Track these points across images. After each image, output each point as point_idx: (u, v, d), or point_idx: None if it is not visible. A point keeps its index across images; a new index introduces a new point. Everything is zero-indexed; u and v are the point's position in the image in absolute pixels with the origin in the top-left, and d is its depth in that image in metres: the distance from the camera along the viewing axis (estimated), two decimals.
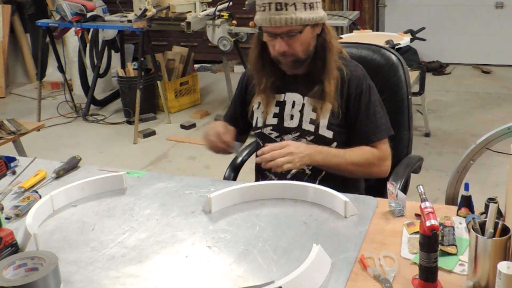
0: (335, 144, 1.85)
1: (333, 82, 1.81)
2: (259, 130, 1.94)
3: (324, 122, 1.84)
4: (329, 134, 1.84)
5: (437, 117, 4.73)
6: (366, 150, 1.83)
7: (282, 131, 1.90)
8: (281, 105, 1.90)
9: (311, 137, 1.85)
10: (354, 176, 1.87)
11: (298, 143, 1.78)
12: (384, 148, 1.86)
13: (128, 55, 6.08)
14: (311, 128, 1.85)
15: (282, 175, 1.85)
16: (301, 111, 1.87)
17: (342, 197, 1.54)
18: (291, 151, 1.72)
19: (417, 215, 1.52)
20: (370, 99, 1.84)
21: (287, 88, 1.89)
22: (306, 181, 1.75)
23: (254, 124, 1.96)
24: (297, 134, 1.87)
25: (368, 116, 1.83)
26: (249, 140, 2.13)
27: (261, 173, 1.94)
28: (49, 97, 5.76)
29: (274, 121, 1.90)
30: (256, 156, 1.79)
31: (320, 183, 1.70)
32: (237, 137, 1.95)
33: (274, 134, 1.91)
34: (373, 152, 1.83)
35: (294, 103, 1.88)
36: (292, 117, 1.88)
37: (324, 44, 1.81)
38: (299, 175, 1.86)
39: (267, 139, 1.91)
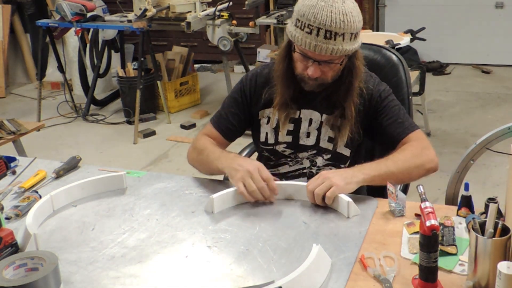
0: (348, 162, 1.82)
1: (354, 107, 1.74)
2: (271, 147, 1.85)
3: (342, 140, 1.78)
4: (346, 152, 1.80)
5: (437, 117, 4.73)
6: (403, 147, 1.71)
7: (297, 148, 1.83)
8: (296, 122, 1.81)
9: (328, 156, 1.81)
10: (411, 178, 1.69)
11: (329, 170, 1.67)
12: (421, 136, 1.74)
13: (128, 55, 6.08)
14: (329, 146, 1.80)
15: (284, 176, 1.85)
16: (319, 129, 1.80)
17: (345, 197, 1.54)
18: (325, 177, 1.58)
19: (417, 215, 1.52)
20: (389, 103, 1.77)
21: (302, 104, 1.81)
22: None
23: (262, 139, 1.86)
24: (314, 152, 1.82)
25: (392, 117, 1.76)
26: (247, 141, 2.10)
27: None
28: (49, 97, 5.75)
29: (288, 138, 1.83)
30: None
31: None
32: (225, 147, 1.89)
33: (288, 152, 1.84)
34: (412, 144, 1.70)
35: (311, 120, 1.81)
36: (308, 134, 1.81)
37: (352, 69, 1.72)
38: (305, 175, 1.83)
39: (279, 156, 1.86)
